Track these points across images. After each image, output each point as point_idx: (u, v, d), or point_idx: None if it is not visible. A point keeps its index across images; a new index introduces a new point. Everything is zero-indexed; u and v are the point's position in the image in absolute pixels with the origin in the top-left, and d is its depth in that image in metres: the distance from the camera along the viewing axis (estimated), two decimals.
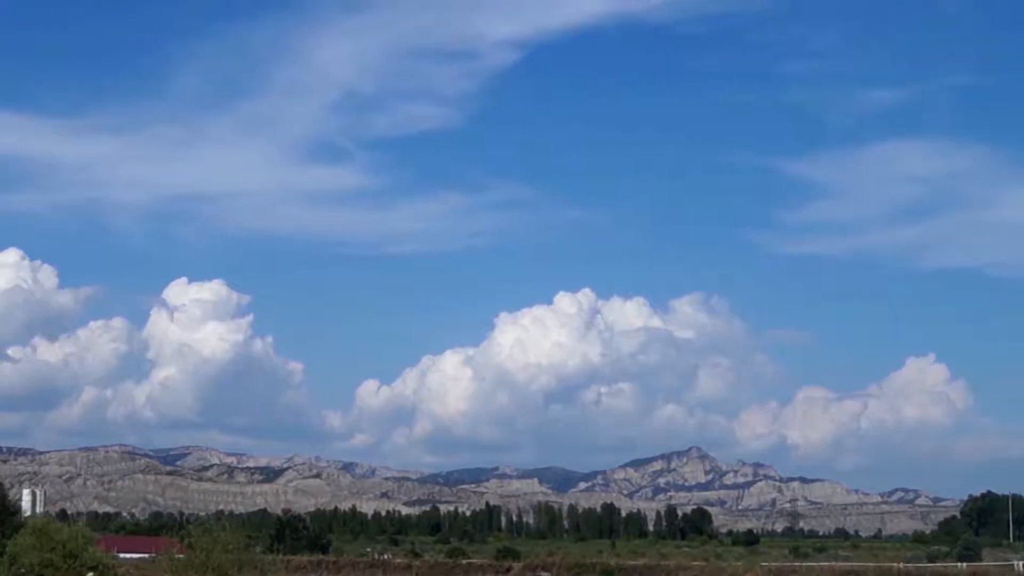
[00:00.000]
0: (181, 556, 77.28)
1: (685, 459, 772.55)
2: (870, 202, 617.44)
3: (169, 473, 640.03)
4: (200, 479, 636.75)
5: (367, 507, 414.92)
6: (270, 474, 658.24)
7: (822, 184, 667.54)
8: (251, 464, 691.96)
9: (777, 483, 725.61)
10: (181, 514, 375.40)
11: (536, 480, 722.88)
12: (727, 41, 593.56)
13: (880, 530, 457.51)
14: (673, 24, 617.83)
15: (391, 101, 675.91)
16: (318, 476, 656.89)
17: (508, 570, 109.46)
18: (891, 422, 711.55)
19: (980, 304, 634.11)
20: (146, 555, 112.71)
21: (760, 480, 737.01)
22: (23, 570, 74.46)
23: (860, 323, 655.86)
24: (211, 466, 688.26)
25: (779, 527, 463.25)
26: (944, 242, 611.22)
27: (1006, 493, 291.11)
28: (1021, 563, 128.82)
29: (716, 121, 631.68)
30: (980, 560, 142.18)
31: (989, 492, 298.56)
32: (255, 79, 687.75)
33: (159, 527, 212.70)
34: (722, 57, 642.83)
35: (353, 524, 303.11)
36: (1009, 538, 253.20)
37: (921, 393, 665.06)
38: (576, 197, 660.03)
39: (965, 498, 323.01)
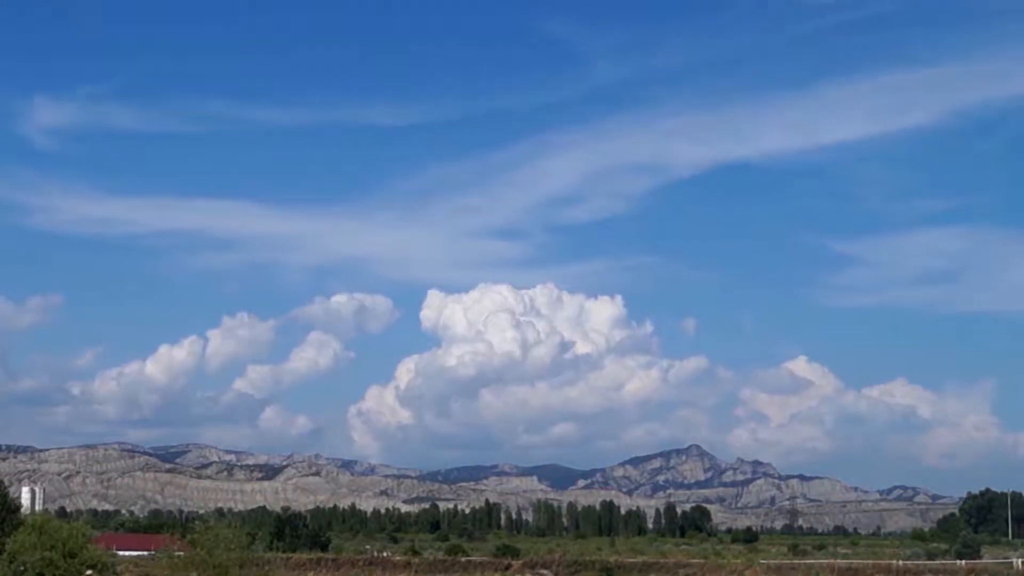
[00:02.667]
0: (180, 554, 77.25)
1: (684, 457, 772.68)
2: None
3: (168, 471, 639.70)
4: (199, 477, 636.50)
5: (366, 505, 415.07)
6: (269, 472, 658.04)
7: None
8: (250, 462, 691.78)
9: (776, 481, 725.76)
10: (180, 512, 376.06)
11: (535, 478, 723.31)
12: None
13: (879, 527, 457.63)
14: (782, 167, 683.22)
15: (576, 199, 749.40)
16: (317, 474, 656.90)
17: (507, 567, 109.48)
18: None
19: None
20: (145, 553, 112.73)
21: (759, 478, 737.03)
22: (23, 568, 74.40)
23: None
24: (210, 464, 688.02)
25: (778, 525, 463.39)
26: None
27: (1005, 490, 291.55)
28: (1020, 561, 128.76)
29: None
30: (979, 558, 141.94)
31: (988, 490, 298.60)
32: (476, 180, 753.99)
33: (158, 525, 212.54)
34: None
35: (352, 522, 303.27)
36: (1008, 536, 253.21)
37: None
38: (694, 263, 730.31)
39: (964, 495, 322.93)
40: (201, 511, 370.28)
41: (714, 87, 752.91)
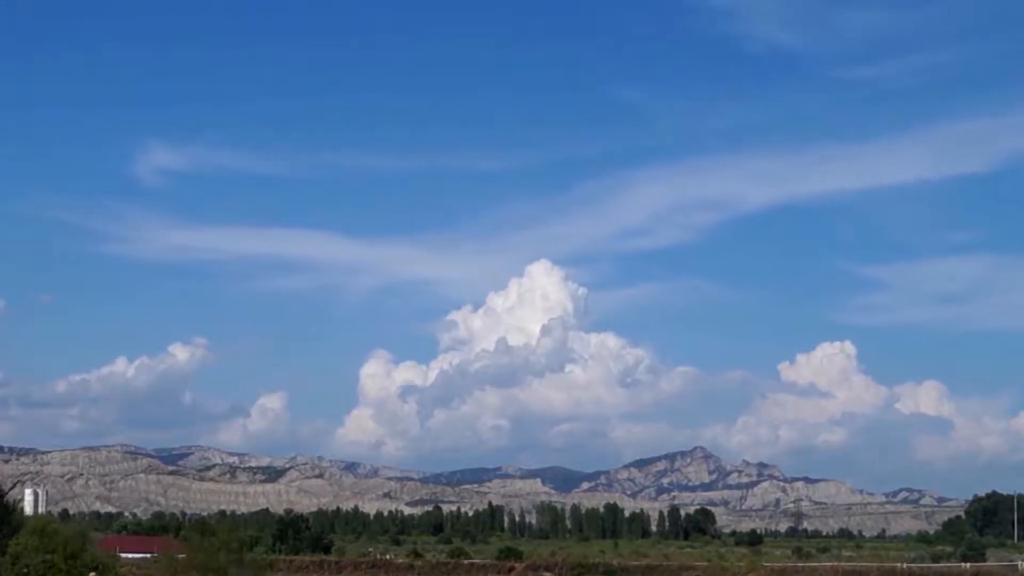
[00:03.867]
0: (182, 556, 77.01)
1: (689, 459, 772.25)
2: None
3: (171, 473, 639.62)
4: (202, 479, 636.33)
5: (369, 507, 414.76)
6: (272, 474, 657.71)
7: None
8: (253, 464, 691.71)
9: (781, 483, 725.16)
10: (183, 514, 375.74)
11: (539, 480, 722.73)
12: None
13: (884, 530, 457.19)
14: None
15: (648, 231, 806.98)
16: (320, 476, 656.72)
17: (510, 570, 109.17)
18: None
19: None
20: (148, 555, 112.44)
21: (764, 480, 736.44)
22: (25, 570, 74.13)
23: None
24: (213, 466, 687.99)
25: (783, 527, 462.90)
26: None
27: (1011, 493, 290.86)
28: None
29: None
30: (984, 560, 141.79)
31: (994, 492, 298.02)
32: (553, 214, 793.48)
33: (161, 527, 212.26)
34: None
35: (355, 524, 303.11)
36: (1013, 538, 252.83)
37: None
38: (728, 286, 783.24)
39: (970, 498, 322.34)
40: (204, 513, 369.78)
41: (764, 142, 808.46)
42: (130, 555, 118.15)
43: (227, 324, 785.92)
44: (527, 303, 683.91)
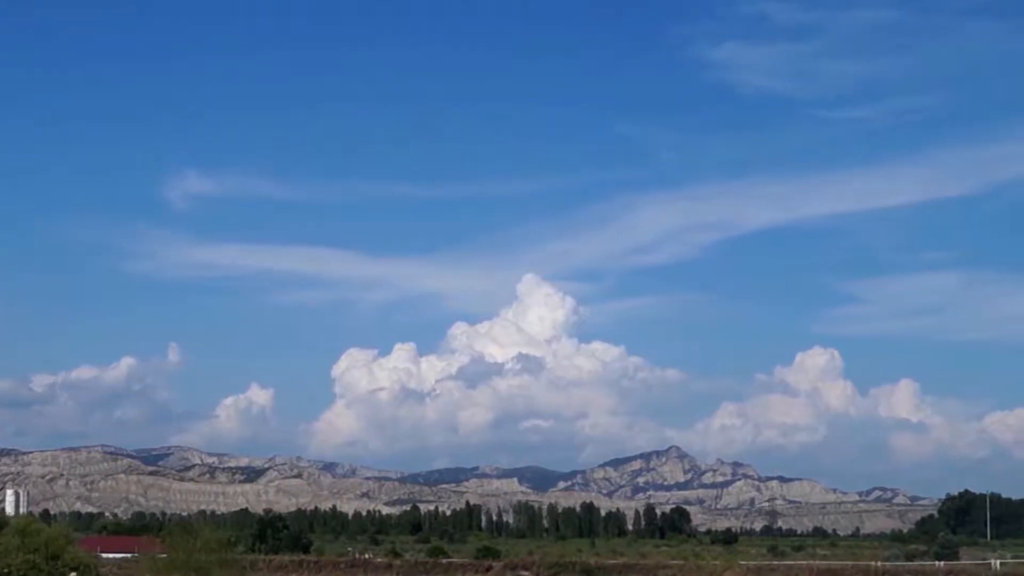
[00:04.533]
0: (163, 556, 77.92)
1: (664, 459, 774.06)
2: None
3: (151, 473, 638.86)
4: (182, 479, 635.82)
5: (348, 507, 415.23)
6: (251, 474, 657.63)
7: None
8: (232, 464, 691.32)
9: (756, 482, 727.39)
10: (163, 514, 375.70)
11: (516, 480, 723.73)
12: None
13: (858, 529, 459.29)
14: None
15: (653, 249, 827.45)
16: (299, 476, 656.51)
17: (488, 569, 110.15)
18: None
19: None
20: (128, 555, 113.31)
21: (739, 479, 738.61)
22: (7, 570, 74.98)
23: None
24: (193, 466, 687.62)
25: (758, 526, 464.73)
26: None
27: (983, 492, 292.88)
28: (998, 562, 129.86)
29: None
30: (957, 559, 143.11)
31: (967, 491, 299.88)
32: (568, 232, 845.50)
33: (141, 527, 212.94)
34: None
35: (334, 524, 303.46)
36: (986, 536, 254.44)
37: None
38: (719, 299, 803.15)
39: (943, 497, 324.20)
40: (184, 513, 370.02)
41: (758, 172, 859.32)
42: (111, 555, 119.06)
43: (213, 330, 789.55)
44: (523, 314, 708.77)
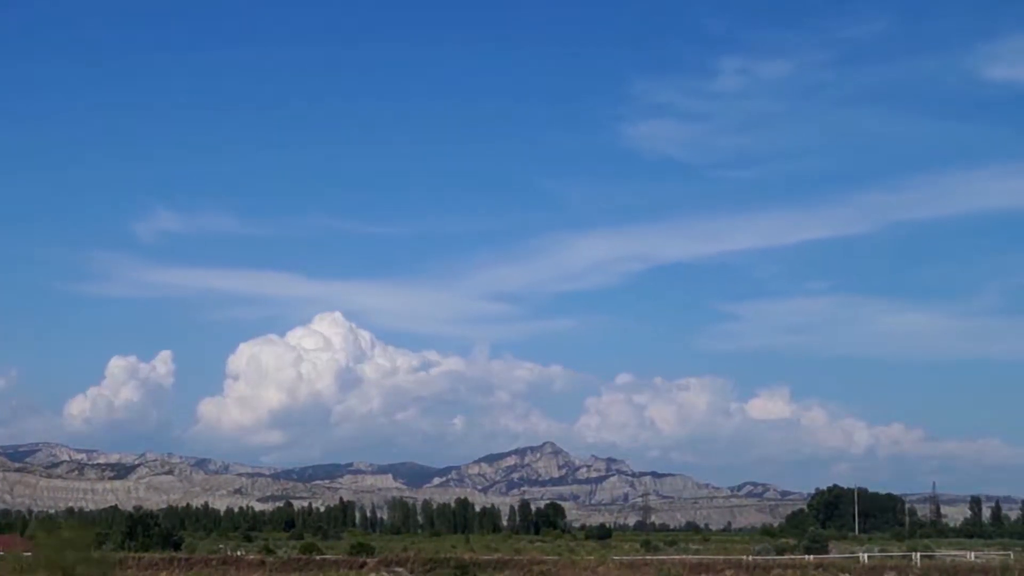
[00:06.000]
0: (28, 555, 76.28)
1: (539, 454, 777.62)
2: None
3: (17, 470, 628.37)
4: (49, 476, 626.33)
5: (220, 504, 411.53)
6: (121, 471, 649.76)
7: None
8: (102, 461, 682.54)
9: (629, 478, 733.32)
10: (30, 512, 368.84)
11: (390, 476, 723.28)
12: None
13: (730, 523, 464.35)
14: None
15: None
16: (170, 473, 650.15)
17: (362, 565, 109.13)
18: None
19: None
20: None
21: (612, 475, 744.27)
22: None
23: None
24: (61, 463, 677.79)
25: (631, 521, 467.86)
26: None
27: (851, 487, 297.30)
28: (866, 555, 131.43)
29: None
30: (827, 552, 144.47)
31: (835, 486, 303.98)
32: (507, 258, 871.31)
33: (6, 525, 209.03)
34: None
35: (206, 521, 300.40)
36: (854, 530, 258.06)
37: None
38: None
39: (812, 492, 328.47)
40: (51, 511, 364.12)
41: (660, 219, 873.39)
42: None
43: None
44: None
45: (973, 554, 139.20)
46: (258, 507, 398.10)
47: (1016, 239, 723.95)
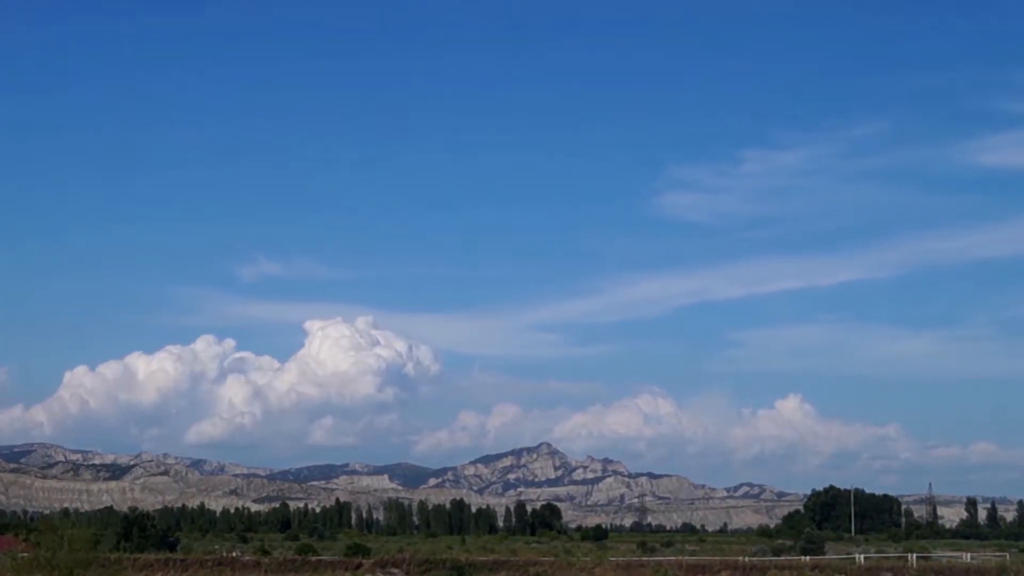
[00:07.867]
0: (25, 555, 76.12)
1: (535, 455, 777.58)
2: None
3: (13, 471, 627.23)
4: (45, 477, 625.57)
5: (215, 504, 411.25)
6: (117, 471, 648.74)
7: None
8: (97, 461, 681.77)
9: (625, 478, 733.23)
10: (25, 512, 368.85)
11: (386, 476, 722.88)
12: None
13: (726, 524, 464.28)
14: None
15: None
16: (166, 473, 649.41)
17: (358, 567, 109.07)
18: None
19: None
20: None
21: (609, 476, 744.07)
22: None
23: None
24: (56, 463, 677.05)
25: (627, 522, 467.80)
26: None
27: (848, 488, 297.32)
28: (863, 556, 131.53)
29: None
30: (823, 553, 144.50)
31: (832, 487, 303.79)
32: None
33: (2, 526, 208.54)
34: None
35: (202, 521, 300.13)
36: (851, 531, 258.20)
37: None
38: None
39: (808, 493, 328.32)
40: (46, 512, 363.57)
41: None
42: None
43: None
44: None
45: (969, 555, 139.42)
46: (254, 508, 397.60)
47: (1002, 279, 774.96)
